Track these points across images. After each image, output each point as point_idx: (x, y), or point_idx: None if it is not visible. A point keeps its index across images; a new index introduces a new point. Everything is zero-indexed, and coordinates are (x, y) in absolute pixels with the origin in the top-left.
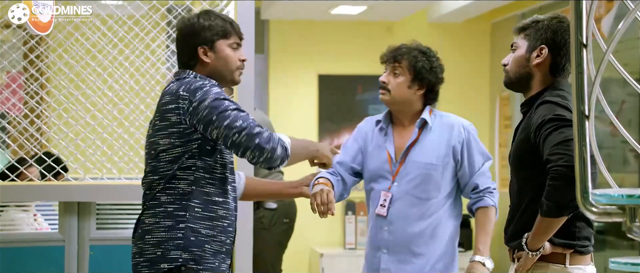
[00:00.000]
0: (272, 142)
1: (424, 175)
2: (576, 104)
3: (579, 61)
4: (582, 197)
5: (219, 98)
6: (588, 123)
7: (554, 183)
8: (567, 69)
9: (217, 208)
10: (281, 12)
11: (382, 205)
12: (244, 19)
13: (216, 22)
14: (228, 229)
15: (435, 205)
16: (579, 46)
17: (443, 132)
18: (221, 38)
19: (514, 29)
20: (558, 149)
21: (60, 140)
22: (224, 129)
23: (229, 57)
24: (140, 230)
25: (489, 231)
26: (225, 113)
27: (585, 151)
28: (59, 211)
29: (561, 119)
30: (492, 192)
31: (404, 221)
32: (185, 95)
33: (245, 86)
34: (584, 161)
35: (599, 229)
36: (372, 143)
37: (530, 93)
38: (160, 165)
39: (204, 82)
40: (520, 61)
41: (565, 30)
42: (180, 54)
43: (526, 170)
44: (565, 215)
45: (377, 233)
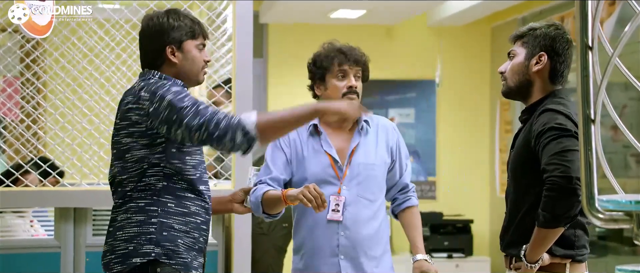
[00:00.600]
0: (230, 132)
1: (370, 176)
2: (581, 108)
3: (584, 64)
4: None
5: (177, 97)
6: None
7: (549, 194)
8: (565, 76)
9: (190, 204)
10: (280, 16)
11: (335, 210)
12: (242, 22)
13: (185, 22)
14: (201, 226)
15: (379, 205)
16: (585, 49)
17: (379, 133)
18: (189, 38)
19: (511, 37)
20: (555, 160)
21: (56, 145)
22: (185, 128)
23: (195, 57)
24: (112, 228)
25: (421, 229)
26: (183, 112)
27: (591, 156)
28: (55, 217)
29: (561, 128)
30: (414, 192)
31: (358, 225)
32: (145, 96)
33: (243, 90)
34: (589, 166)
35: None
36: (306, 149)
37: (530, 101)
38: (128, 165)
39: (165, 83)
40: (519, 69)
41: (562, 37)
42: (146, 54)
43: (526, 178)
44: (561, 226)
45: (331, 239)
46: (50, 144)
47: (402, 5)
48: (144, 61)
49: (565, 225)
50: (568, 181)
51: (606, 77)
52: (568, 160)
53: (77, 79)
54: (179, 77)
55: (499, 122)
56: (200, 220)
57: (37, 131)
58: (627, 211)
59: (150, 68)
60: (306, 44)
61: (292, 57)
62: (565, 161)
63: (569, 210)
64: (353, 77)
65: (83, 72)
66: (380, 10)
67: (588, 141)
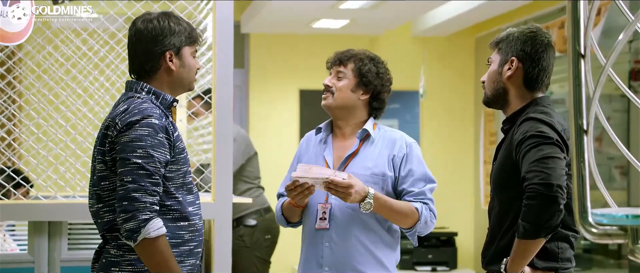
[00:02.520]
0: (135, 233)
1: None
2: (574, 119)
3: (576, 73)
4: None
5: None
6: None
7: (529, 203)
8: (542, 82)
9: (183, 233)
10: (262, 26)
11: (322, 218)
12: (223, 31)
13: (184, 26)
14: (195, 251)
15: (371, 218)
16: (577, 57)
17: (385, 146)
18: (188, 44)
19: (490, 44)
20: (534, 167)
21: (31, 157)
22: (118, 175)
23: (191, 64)
24: (105, 259)
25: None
26: (126, 162)
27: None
28: (29, 231)
29: (542, 136)
30: (426, 203)
31: (344, 236)
32: (118, 125)
33: (224, 101)
34: (582, 179)
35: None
36: (309, 153)
37: (511, 110)
38: (104, 194)
39: (144, 115)
40: (493, 76)
41: (536, 39)
42: (140, 59)
43: (509, 190)
44: (542, 237)
45: (316, 249)
46: (25, 156)
47: (386, 16)
48: (134, 67)
49: (546, 235)
50: (548, 188)
51: (599, 87)
52: (549, 167)
53: (53, 89)
54: (173, 84)
55: (484, 133)
56: (193, 244)
57: (11, 143)
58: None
59: (139, 75)
60: (288, 55)
61: (274, 67)
62: (545, 168)
63: (550, 219)
64: (333, 76)
65: (59, 82)
66: (364, 20)
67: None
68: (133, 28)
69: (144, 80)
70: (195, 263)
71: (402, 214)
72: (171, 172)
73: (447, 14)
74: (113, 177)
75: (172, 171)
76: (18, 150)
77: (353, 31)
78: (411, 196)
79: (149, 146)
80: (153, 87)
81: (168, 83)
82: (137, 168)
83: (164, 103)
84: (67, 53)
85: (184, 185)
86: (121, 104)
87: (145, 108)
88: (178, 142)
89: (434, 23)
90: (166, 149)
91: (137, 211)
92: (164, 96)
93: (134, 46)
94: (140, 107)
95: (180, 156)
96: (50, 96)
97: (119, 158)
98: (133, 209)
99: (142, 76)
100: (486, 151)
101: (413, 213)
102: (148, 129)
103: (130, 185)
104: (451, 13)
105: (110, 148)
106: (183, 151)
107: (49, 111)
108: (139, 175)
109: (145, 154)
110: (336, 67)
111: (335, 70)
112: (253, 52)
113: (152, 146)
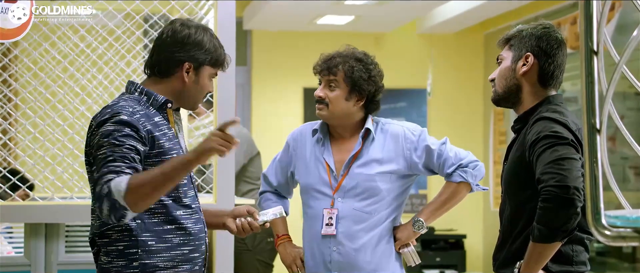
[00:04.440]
0: (99, 203)
1: (370, 187)
2: (586, 117)
3: (589, 70)
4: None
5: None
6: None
7: (545, 206)
8: (556, 78)
9: (172, 236)
10: (265, 23)
11: (328, 224)
12: (224, 28)
13: (214, 46)
14: (191, 256)
15: (379, 218)
16: (589, 54)
17: (387, 141)
18: (209, 64)
19: (499, 41)
20: (550, 169)
21: (27, 157)
22: (95, 176)
23: (205, 86)
24: (99, 268)
25: (444, 199)
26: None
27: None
28: (25, 233)
29: (557, 136)
30: (464, 170)
31: (352, 240)
32: (93, 125)
33: (226, 99)
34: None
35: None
36: (308, 154)
37: (523, 108)
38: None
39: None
40: (506, 73)
41: (550, 36)
42: (161, 59)
43: (521, 192)
44: (558, 241)
45: (324, 254)
46: (21, 156)
47: (392, 12)
48: (152, 64)
49: (562, 239)
50: (565, 190)
51: (613, 85)
52: (565, 169)
53: (50, 87)
54: (176, 97)
55: (493, 133)
56: (188, 249)
57: (7, 142)
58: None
59: (152, 72)
60: (291, 52)
61: (277, 65)
62: (561, 169)
63: (567, 222)
64: (324, 86)
65: (57, 80)
66: (369, 17)
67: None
68: (170, 26)
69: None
70: (193, 269)
71: (453, 200)
72: None
73: (455, 11)
74: None
75: None
76: (14, 150)
77: (358, 28)
78: (449, 177)
79: (116, 137)
80: (146, 88)
81: (174, 92)
82: (104, 160)
83: (155, 104)
84: (65, 50)
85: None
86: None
87: (118, 106)
88: (162, 141)
89: (441, 20)
90: (136, 141)
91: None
92: (155, 96)
93: (161, 43)
94: (114, 106)
95: (166, 157)
96: (47, 94)
97: (93, 157)
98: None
99: (154, 74)
100: (496, 151)
101: (460, 189)
102: (116, 126)
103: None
104: (459, 9)
105: (87, 151)
106: (169, 152)
107: (46, 110)
108: (106, 162)
109: (112, 144)
110: (326, 76)
111: (326, 79)
112: (256, 50)
113: (119, 138)
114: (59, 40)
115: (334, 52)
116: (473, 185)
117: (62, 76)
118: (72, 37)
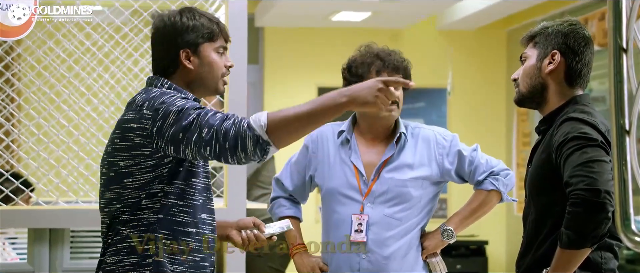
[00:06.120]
0: (240, 141)
1: (401, 193)
2: (615, 118)
3: (618, 68)
4: (622, 224)
5: (181, 111)
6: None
7: (574, 210)
8: (584, 77)
9: (189, 240)
10: (277, 19)
11: (358, 230)
12: (236, 25)
13: (201, 22)
14: (201, 264)
15: (412, 227)
16: (618, 51)
17: (420, 146)
18: (207, 41)
19: (522, 39)
20: (579, 171)
21: (31, 160)
22: (194, 146)
23: (214, 62)
24: (102, 271)
25: (474, 207)
26: (191, 127)
27: (626, 170)
28: (29, 239)
29: (586, 138)
30: (496, 178)
31: (383, 247)
32: (148, 114)
33: (237, 99)
34: (624, 183)
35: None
36: (333, 156)
37: (548, 109)
38: (125, 192)
39: (171, 95)
40: (531, 72)
41: (577, 33)
42: (158, 59)
43: (547, 196)
44: (588, 247)
45: (352, 261)
46: (24, 159)
47: (410, 8)
48: (155, 68)
49: (592, 245)
50: (595, 194)
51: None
52: (595, 172)
53: (55, 87)
54: (194, 85)
55: (516, 134)
56: (200, 257)
57: (10, 144)
58: None
59: (161, 75)
60: (305, 50)
61: (290, 63)
62: (591, 172)
63: (597, 227)
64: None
65: (61, 79)
66: (386, 13)
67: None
68: (152, 27)
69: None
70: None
71: (483, 208)
72: (198, 168)
73: (476, 6)
74: (139, 175)
75: (199, 168)
76: (17, 152)
77: (375, 25)
78: (480, 185)
79: (191, 104)
80: (174, 84)
81: (188, 84)
82: (195, 120)
83: None
84: (70, 48)
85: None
86: (138, 96)
87: (167, 94)
88: None
89: (461, 16)
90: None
91: (228, 132)
92: (185, 93)
93: (153, 45)
94: (162, 94)
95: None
96: (52, 94)
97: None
98: (233, 138)
99: (162, 75)
100: (519, 153)
101: (490, 197)
102: (179, 101)
103: (198, 134)
104: (480, 5)
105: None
106: None
107: (50, 110)
108: (209, 116)
109: (194, 108)
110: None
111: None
112: (268, 47)
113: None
114: (63, 38)
115: (387, 49)
116: (504, 194)
117: (67, 75)
118: (77, 35)
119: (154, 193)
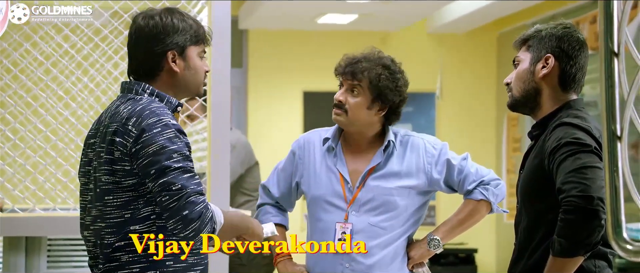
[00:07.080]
0: (201, 221)
1: (387, 202)
2: (606, 123)
3: (609, 73)
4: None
5: (166, 147)
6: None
7: (566, 217)
8: (578, 82)
9: (190, 256)
10: (262, 22)
11: (341, 239)
12: (219, 27)
13: (189, 24)
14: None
15: (395, 235)
16: (609, 55)
17: (408, 154)
18: (193, 44)
19: (515, 42)
20: (572, 178)
21: (7, 166)
22: (159, 186)
23: (198, 66)
24: None
25: (462, 218)
26: (166, 170)
27: (617, 177)
28: (4, 247)
29: (579, 143)
30: (486, 188)
31: (366, 256)
32: (133, 132)
33: (220, 103)
34: (616, 190)
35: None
36: (319, 163)
37: (541, 113)
38: (107, 210)
39: (160, 117)
40: (524, 76)
41: (571, 36)
42: (141, 60)
43: (539, 202)
44: (580, 255)
45: (335, 270)
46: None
47: (399, 10)
48: (136, 68)
49: (585, 253)
50: (588, 201)
51: (635, 88)
52: (588, 178)
53: (32, 91)
54: (177, 88)
55: (506, 139)
56: (199, 269)
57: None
58: None
59: (138, 76)
60: (290, 53)
61: (275, 67)
62: (584, 179)
63: (590, 235)
64: (346, 90)
65: (38, 82)
66: (375, 15)
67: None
68: (133, 25)
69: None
70: None
71: (472, 219)
72: None
73: (467, 9)
74: (120, 192)
75: None
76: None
77: (363, 27)
78: (469, 194)
79: (180, 148)
80: (156, 89)
81: (171, 87)
82: (181, 172)
83: (169, 107)
84: (47, 51)
85: None
86: (122, 106)
87: (156, 108)
88: None
89: (451, 19)
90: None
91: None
92: (168, 98)
93: (134, 45)
94: (150, 107)
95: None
96: (28, 98)
97: (154, 169)
98: (196, 214)
99: (142, 78)
100: (509, 159)
101: (480, 207)
102: (170, 131)
103: (182, 191)
104: (471, 7)
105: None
106: None
107: (27, 114)
108: (185, 178)
109: (182, 157)
110: (349, 81)
111: (349, 83)
112: (252, 51)
113: (182, 148)
114: (41, 40)
115: (360, 55)
116: (494, 205)
117: (45, 79)
118: (55, 37)
119: (146, 215)
